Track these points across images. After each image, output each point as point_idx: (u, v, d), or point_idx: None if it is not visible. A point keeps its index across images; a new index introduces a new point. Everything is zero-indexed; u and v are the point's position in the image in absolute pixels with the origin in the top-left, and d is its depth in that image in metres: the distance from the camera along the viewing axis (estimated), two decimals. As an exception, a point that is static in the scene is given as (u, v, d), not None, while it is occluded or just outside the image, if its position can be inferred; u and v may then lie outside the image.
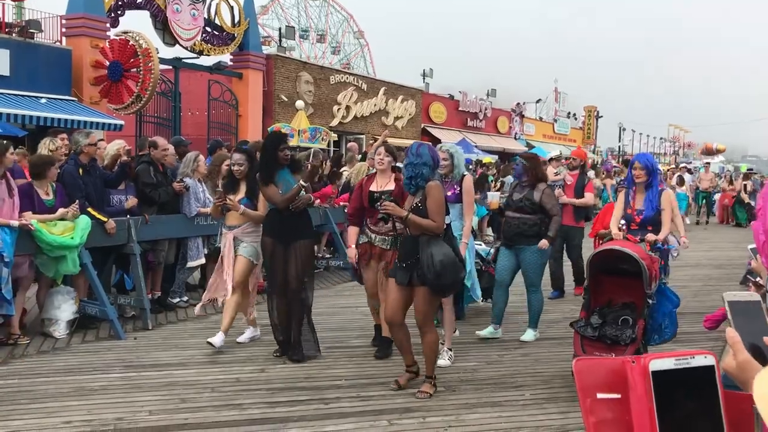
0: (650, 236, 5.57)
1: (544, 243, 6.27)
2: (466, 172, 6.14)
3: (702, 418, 0.80)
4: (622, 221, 5.77)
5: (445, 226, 4.76)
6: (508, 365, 5.81)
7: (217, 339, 5.85)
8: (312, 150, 6.37)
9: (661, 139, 69.17)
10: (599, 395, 0.83)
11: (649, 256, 5.05)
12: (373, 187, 5.83)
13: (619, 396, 0.82)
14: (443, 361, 5.55)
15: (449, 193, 5.68)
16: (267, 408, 4.62)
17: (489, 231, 14.87)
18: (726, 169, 39.25)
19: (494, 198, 7.16)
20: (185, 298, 7.83)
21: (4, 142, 6.08)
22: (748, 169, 23.76)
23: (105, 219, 6.53)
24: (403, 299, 4.85)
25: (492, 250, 7.55)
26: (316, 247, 9.67)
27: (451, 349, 5.82)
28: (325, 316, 7.41)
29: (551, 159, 9.85)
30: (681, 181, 20.35)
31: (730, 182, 22.12)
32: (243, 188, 6.09)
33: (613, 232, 5.60)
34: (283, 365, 5.63)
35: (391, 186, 5.74)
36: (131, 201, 7.03)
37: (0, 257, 5.58)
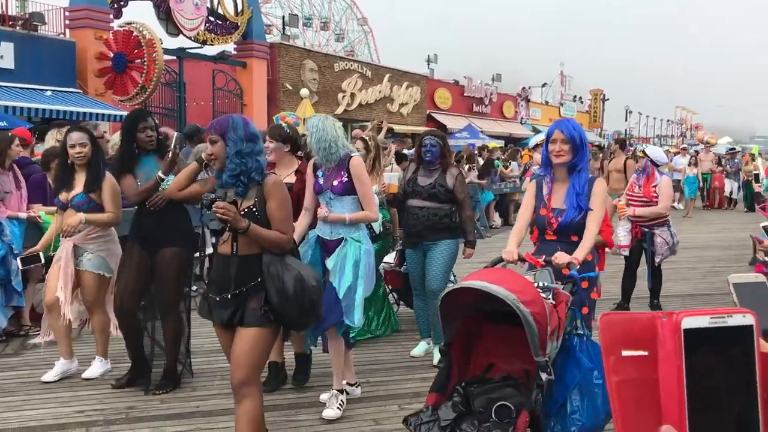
0: (560, 257, 3.41)
1: (470, 253, 5.37)
2: (353, 151, 4.50)
3: (735, 380, 0.77)
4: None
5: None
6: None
7: (55, 372, 4.87)
8: (175, 135, 5.07)
9: (668, 121, 68.86)
10: (624, 352, 0.80)
11: (542, 296, 2.98)
12: None
13: (646, 353, 0.79)
14: (332, 411, 4.26)
15: (335, 183, 4.31)
16: (278, 394, 4.64)
17: (496, 217, 14.86)
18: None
19: (393, 180, 5.79)
20: (194, 287, 7.85)
21: (9, 134, 6.09)
22: (729, 149, 22.28)
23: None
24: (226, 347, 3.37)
25: (394, 255, 6.18)
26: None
27: (356, 384, 4.64)
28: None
29: (537, 146, 8.90)
30: (695, 162, 19.35)
31: (719, 163, 20.89)
32: (81, 180, 4.72)
33: (507, 249, 3.62)
34: (292, 353, 5.64)
35: (291, 180, 4.71)
36: None
37: (9, 249, 5.61)
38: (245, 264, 3.22)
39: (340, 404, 4.31)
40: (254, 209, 3.23)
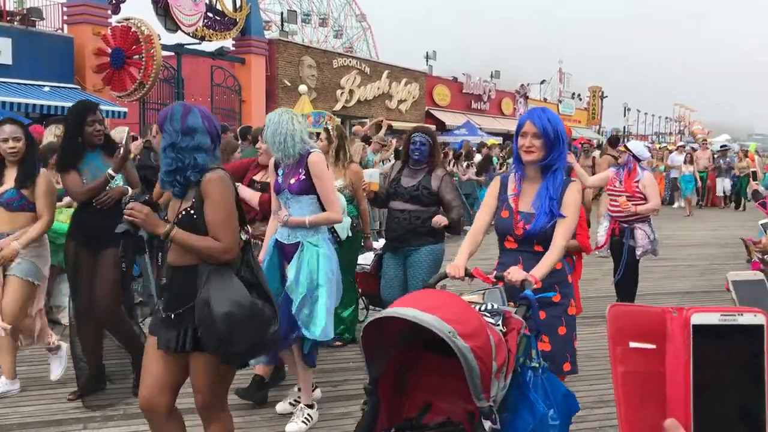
0: (513, 273, 2.84)
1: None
2: (314, 147, 4.14)
3: (743, 378, 0.77)
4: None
5: (242, 245, 2.89)
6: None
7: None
8: (126, 131, 4.75)
9: (666, 118, 68.90)
10: (632, 344, 0.80)
11: (489, 323, 2.47)
12: (257, 177, 4.78)
13: (654, 347, 0.79)
14: (295, 426, 4.05)
15: (292, 181, 4.00)
16: (275, 391, 4.64)
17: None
18: (734, 147, 39.02)
19: (374, 177, 5.17)
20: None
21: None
22: (721, 146, 21.59)
23: None
24: (168, 374, 2.89)
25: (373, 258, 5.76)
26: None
27: (311, 407, 4.21)
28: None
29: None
30: (691, 159, 18.87)
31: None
32: (12, 175, 4.36)
33: (454, 263, 3.01)
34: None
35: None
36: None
37: None
38: (182, 278, 2.81)
39: (306, 419, 4.08)
40: (192, 211, 2.80)
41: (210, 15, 19.51)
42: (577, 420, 4.22)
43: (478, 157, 15.28)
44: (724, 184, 19.93)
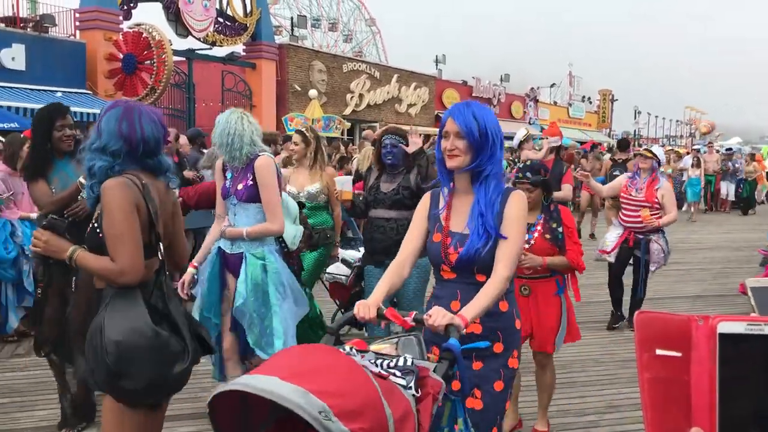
0: (435, 315, 2.19)
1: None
2: (264, 150, 3.87)
3: None
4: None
5: (156, 267, 2.49)
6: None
7: None
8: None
9: (677, 121, 68.59)
10: (658, 351, 0.80)
11: (391, 390, 1.80)
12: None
13: (680, 354, 0.79)
14: None
15: (240, 187, 3.75)
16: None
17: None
18: (743, 151, 38.76)
19: (346, 186, 4.71)
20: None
21: (21, 136, 6.13)
22: (726, 149, 20.95)
23: None
24: None
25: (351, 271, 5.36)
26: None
27: None
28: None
29: (521, 142, 7.66)
30: (698, 163, 18.17)
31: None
32: None
33: (365, 300, 2.36)
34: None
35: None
36: None
37: (21, 250, 5.66)
38: (97, 303, 2.45)
39: None
40: (95, 226, 2.47)
41: (221, 20, 19.61)
42: (588, 425, 4.24)
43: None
44: (728, 188, 19.42)
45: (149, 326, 2.31)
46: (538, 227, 3.85)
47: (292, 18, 30.11)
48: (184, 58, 19.06)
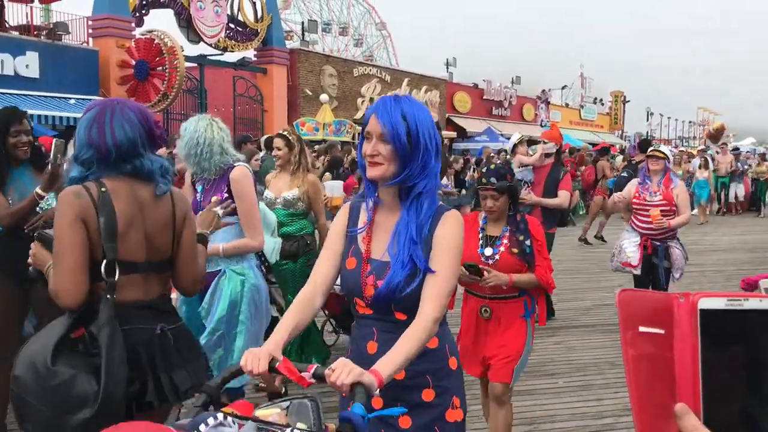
0: (338, 369, 1.64)
1: None
2: (239, 160, 3.56)
3: (751, 362, 0.79)
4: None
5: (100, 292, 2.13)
6: (540, 353, 5.78)
7: None
8: (54, 142, 3.51)
9: (689, 122, 68.23)
10: (641, 328, 0.81)
11: None
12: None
13: (663, 332, 0.80)
14: None
15: (213, 200, 3.25)
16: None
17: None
18: (757, 151, 38.43)
19: (336, 190, 4.80)
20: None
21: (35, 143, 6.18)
22: (732, 150, 20.17)
23: None
24: None
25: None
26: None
27: None
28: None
29: (515, 146, 7.09)
30: (705, 164, 17.41)
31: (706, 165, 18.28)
32: None
33: (254, 351, 1.79)
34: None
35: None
36: None
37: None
38: None
39: None
40: None
41: (232, 26, 19.71)
42: (605, 428, 4.22)
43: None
44: (737, 190, 18.82)
45: (44, 362, 2.00)
46: (504, 241, 3.40)
47: (302, 23, 30.24)
48: (195, 64, 19.16)
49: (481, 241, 3.44)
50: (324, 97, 21.66)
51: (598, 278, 8.82)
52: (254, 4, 20.58)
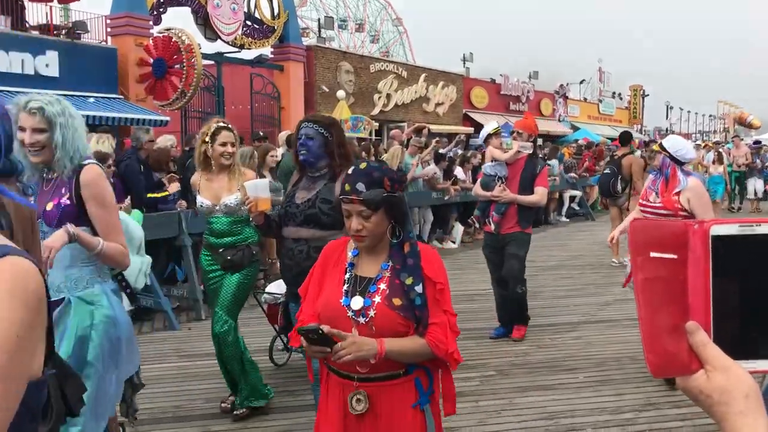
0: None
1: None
2: (89, 158, 2.86)
3: (760, 286, 0.83)
4: None
5: None
6: (560, 348, 5.75)
7: None
8: None
9: (710, 116, 67.46)
10: (653, 254, 0.85)
11: None
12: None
13: (675, 257, 0.84)
14: None
15: (50, 207, 2.78)
16: (320, 394, 4.66)
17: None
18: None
19: (261, 191, 3.45)
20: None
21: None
22: (754, 143, 19.17)
23: None
24: None
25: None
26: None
27: None
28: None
29: (489, 136, 6.02)
30: (719, 158, 16.29)
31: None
32: None
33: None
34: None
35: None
36: (173, 185, 7.16)
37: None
38: None
39: None
40: None
41: (248, 23, 19.75)
42: (625, 423, 4.18)
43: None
44: (756, 185, 17.81)
45: None
46: (381, 285, 2.19)
47: (319, 19, 30.23)
48: (213, 62, 19.23)
49: (346, 286, 2.22)
50: (341, 93, 21.65)
51: (617, 273, 8.74)
52: (271, 1, 20.60)
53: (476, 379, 4.94)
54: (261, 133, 11.22)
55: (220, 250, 4.21)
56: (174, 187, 7.21)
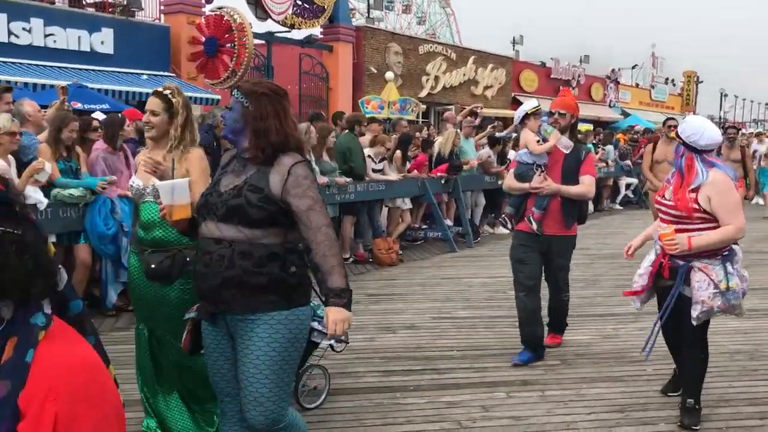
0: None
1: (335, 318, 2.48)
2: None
3: None
4: None
5: None
6: (624, 339, 5.58)
7: None
8: None
9: (765, 104, 65.33)
10: None
11: None
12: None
13: None
14: None
15: None
16: (382, 377, 4.61)
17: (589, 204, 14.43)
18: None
19: (179, 194, 2.74)
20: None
21: (120, 115, 6.27)
22: None
23: None
24: None
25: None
26: (411, 218, 9.61)
27: None
28: (428, 287, 7.37)
29: (526, 115, 5.25)
30: None
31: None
32: None
33: None
34: (393, 335, 5.61)
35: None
36: None
37: (120, 227, 5.79)
38: None
39: None
40: None
41: (299, 3, 19.68)
42: (702, 419, 4.00)
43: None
44: None
45: None
46: None
47: (368, 0, 29.97)
48: (263, 41, 19.24)
49: None
50: (389, 74, 21.47)
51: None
52: (321, -20, 20.50)
53: (541, 368, 4.82)
54: (322, 113, 11.12)
55: (146, 251, 3.36)
56: None
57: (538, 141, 4.94)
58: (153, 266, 3.30)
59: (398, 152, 9.46)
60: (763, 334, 5.73)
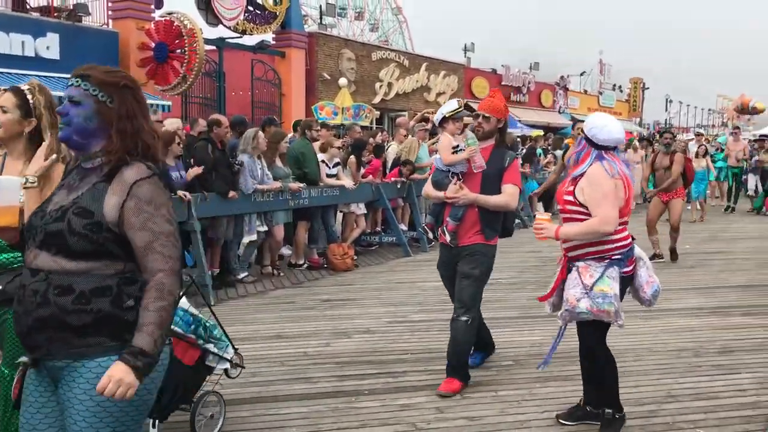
0: None
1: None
2: None
3: None
4: None
5: None
6: (575, 339, 5.65)
7: None
8: None
9: (709, 110, 67.46)
10: None
11: None
12: None
13: None
14: None
15: None
16: (337, 381, 4.60)
17: (540, 207, 14.66)
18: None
19: (5, 195, 2.32)
20: (246, 274, 7.86)
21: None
22: (760, 136, 17.82)
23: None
24: None
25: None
26: (366, 223, 9.63)
27: None
28: (383, 291, 7.40)
29: (444, 118, 4.59)
30: (704, 152, 15.21)
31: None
32: None
33: None
34: (348, 339, 5.61)
35: None
36: (195, 169, 7.04)
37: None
38: None
39: None
40: None
41: (250, 9, 19.56)
42: (648, 414, 4.13)
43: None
44: (756, 182, 16.47)
45: None
46: None
47: (320, 6, 29.97)
48: (214, 47, 19.06)
49: None
50: (343, 81, 21.49)
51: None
52: (273, -14, 20.42)
53: (494, 368, 4.88)
54: (275, 118, 11.04)
55: None
56: (194, 172, 7.09)
57: (455, 148, 4.40)
58: (6, 288, 2.49)
59: (352, 158, 9.47)
60: (708, 331, 5.90)
